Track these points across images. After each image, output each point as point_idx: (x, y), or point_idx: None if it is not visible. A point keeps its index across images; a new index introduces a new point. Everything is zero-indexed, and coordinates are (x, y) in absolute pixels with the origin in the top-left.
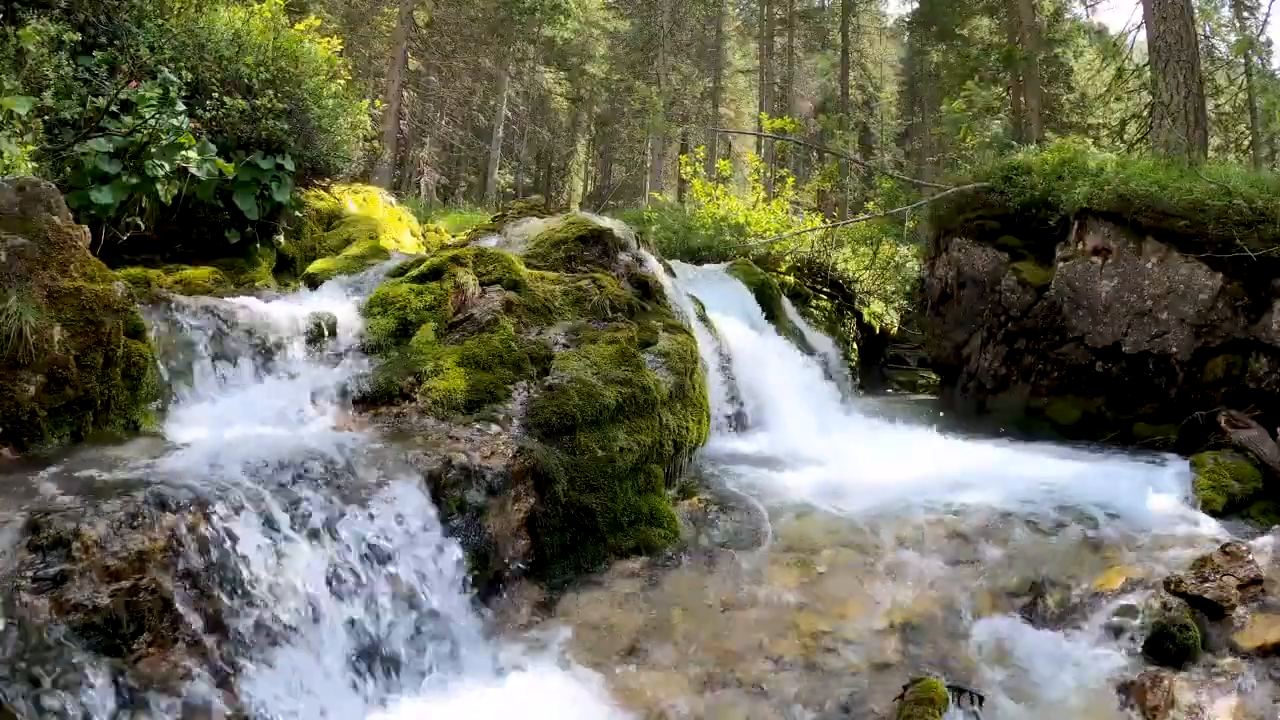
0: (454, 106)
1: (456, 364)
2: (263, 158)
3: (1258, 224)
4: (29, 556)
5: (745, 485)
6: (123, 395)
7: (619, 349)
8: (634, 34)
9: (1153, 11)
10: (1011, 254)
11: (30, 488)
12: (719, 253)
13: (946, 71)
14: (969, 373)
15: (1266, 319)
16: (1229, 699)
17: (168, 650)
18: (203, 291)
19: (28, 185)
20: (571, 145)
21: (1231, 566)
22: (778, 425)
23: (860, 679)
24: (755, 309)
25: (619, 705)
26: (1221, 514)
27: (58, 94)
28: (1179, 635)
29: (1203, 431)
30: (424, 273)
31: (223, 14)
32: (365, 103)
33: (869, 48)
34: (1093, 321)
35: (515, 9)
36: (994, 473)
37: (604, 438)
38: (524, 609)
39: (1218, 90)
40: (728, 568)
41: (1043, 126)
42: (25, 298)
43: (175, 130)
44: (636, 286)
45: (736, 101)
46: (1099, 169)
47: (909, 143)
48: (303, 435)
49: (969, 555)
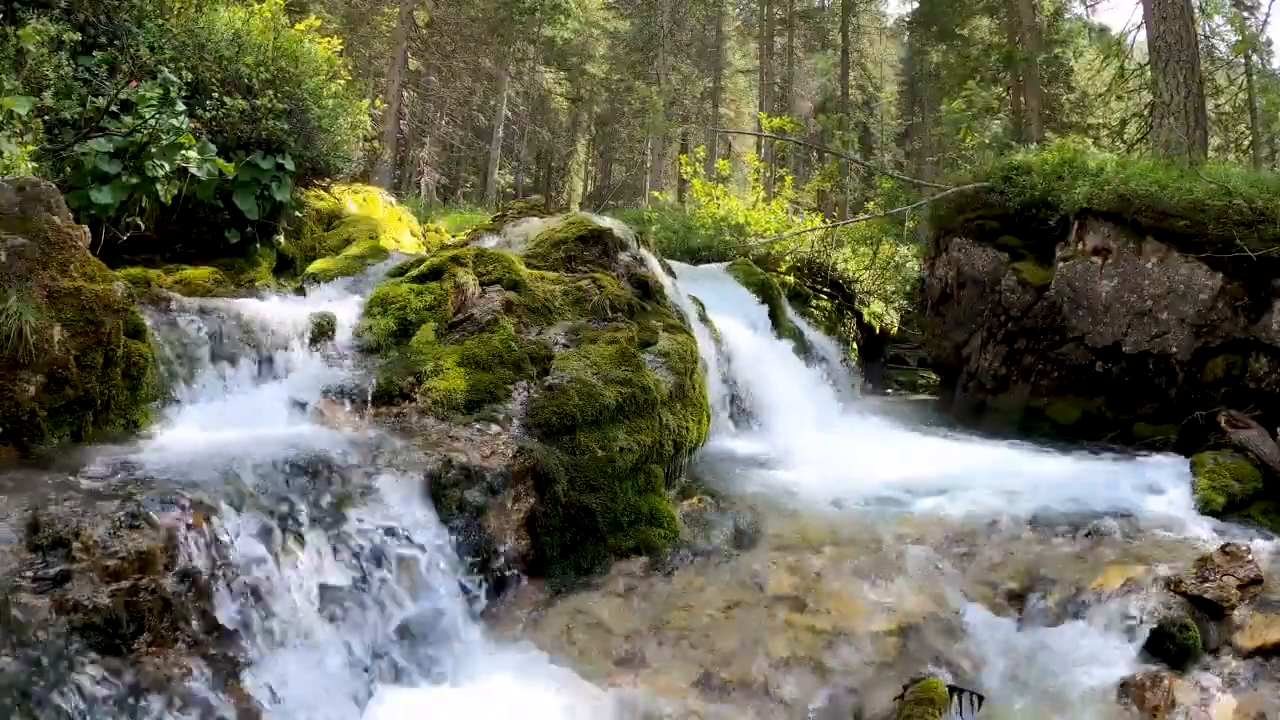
0: (454, 106)
1: (456, 364)
2: (263, 158)
3: (1258, 224)
4: (29, 556)
5: (745, 485)
6: (123, 395)
7: (619, 349)
8: (634, 34)
9: (1153, 11)
10: (1011, 254)
11: (30, 488)
12: (719, 253)
13: (946, 71)
14: (969, 373)
15: (1266, 319)
16: (1229, 699)
17: (168, 650)
18: (203, 291)
19: (28, 185)
20: (571, 145)
21: (1231, 566)
22: (777, 425)
23: (860, 679)
24: (755, 309)
25: (619, 705)
26: (1221, 514)
27: (58, 94)
28: (1179, 635)
29: (1203, 431)
30: (424, 273)
31: (223, 14)
32: (365, 103)
33: (869, 48)
34: (1093, 321)
35: (515, 9)
36: (994, 472)
37: (604, 438)
38: (524, 609)
39: (1218, 90)
40: (727, 568)
41: (1043, 126)
42: (25, 298)
43: (175, 130)
44: (636, 286)
45: (736, 101)
46: (1099, 169)
47: (909, 143)
48: (303, 435)
49: (969, 555)
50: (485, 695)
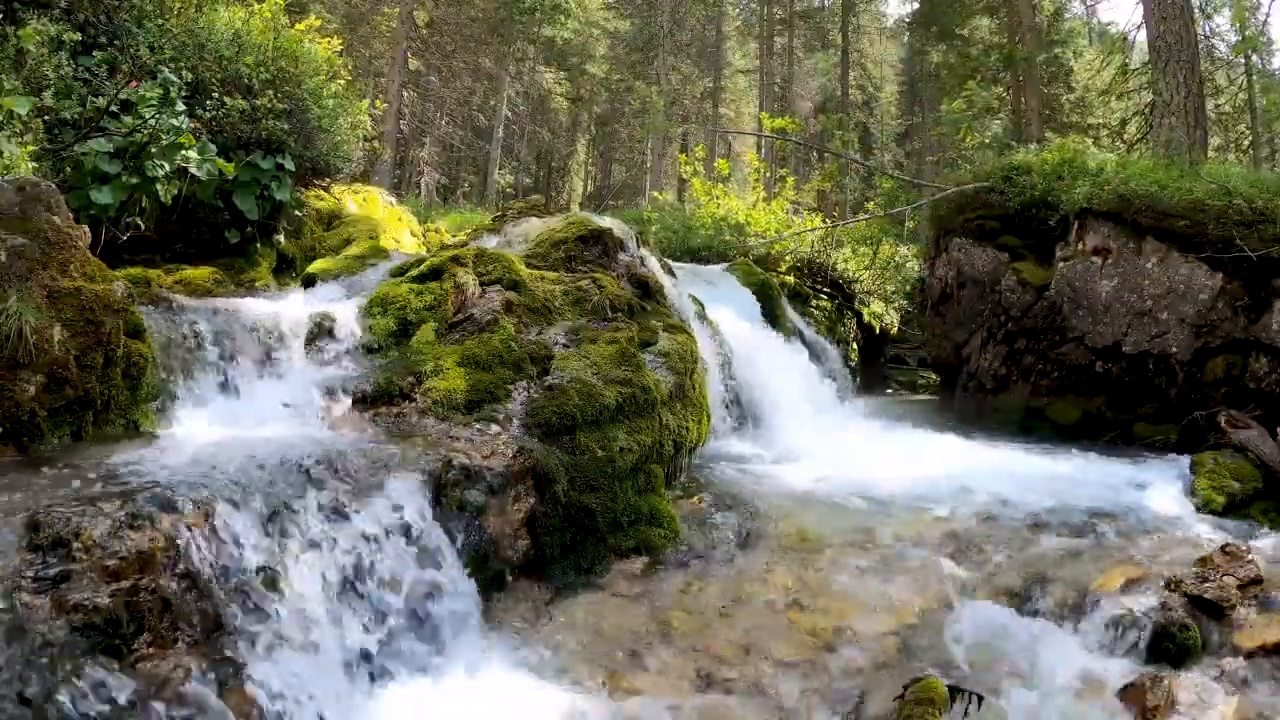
0: (454, 106)
1: (456, 364)
2: (263, 158)
3: (1258, 224)
4: (29, 556)
5: (745, 485)
6: (123, 395)
7: (619, 349)
8: (634, 34)
9: (1153, 11)
10: (1011, 254)
11: (30, 488)
12: (719, 253)
13: (946, 71)
14: (969, 373)
15: (1266, 319)
16: (1229, 699)
17: (168, 650)
18: (203, 291)
19: (28, 185)
20: (571, 145)
21: (1231, 566)
22: (777, 425)
23: (860, 679)
24: (755, 309)
25: (619, 705)
26: (1221, 514)
27: (58, 94)
28: (1179, 635)
29: (1203, 431)
30: (424, 273)
31: (223, 14)
32: (365, 103)
33: (869, 48)
34: (1093, 321)
35: (515, 9)
36: (994, 472)
37: (604, 438)
38: (524, 609)
39: (1218, 90)
40: (727, 568)
41: (1043, 126)
42: (25, 298)
43: (175, 130)
44: (636, 286)
45: (736, 101)
46: (1099, 169)
47: (909, 143)
48: (303, 435)
49: (969, 554)
50: (485, 695)
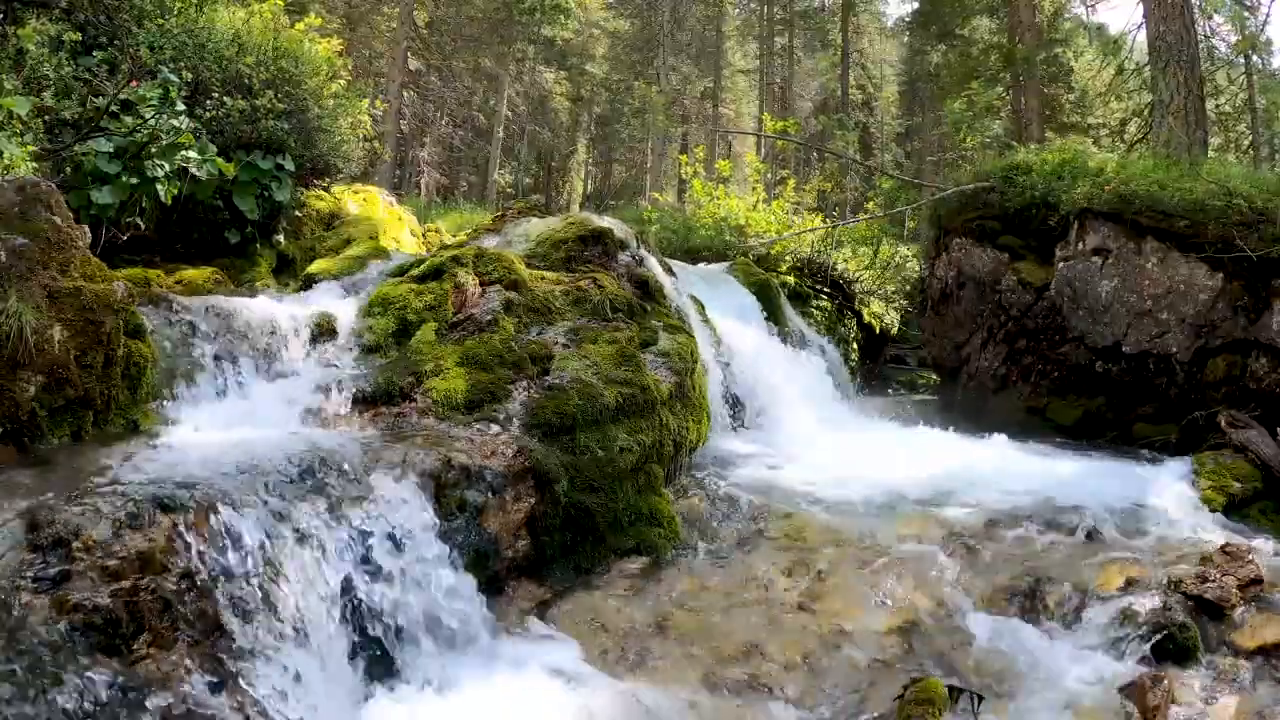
0: (454, 106)
1: (457, 364)
2: (263, 158)
3: (1258, 224)
4: (29, 556)
5: (745, 485)
6: (123, 395)
7: (619, 349)
8: (634, 34)
9: (1153, 11)
10: (1011, 254)
11: (30, 488)
12: (719, 253)
13: (947, 72)
14: (969, 373)
15: (1266, 319)
16: (1229, 698)
17: (168, 650)
18: (203, 291)
19: (28, 185)
20: (571, 145)
21: (1231, 566)
22: (778, 425)
23: (860, 679)
24: (755, 309)
25: (618, 705)
26: (1222, 514)
27: (58, 94)
28: (1179, 635)
29: (1203, 431)
30: (424, 273)
31: (223, 14)
32: (365, 103)
33: (869, 48)
34: (1093, 321)
35: (515, 9)
36: (994, 472)
37: (604, 438)
38: (524, 609)
39: (1218, 90)
40: (727, 567)
41: (1043, 126)
42: (25, 298)
43: (175, 130)
44: (636, 286)
45: (736, 101)
46: (1099, 169)
47: (909, 143)
48: (303, 435)
49: (969, 554)
50: (485, 695)
